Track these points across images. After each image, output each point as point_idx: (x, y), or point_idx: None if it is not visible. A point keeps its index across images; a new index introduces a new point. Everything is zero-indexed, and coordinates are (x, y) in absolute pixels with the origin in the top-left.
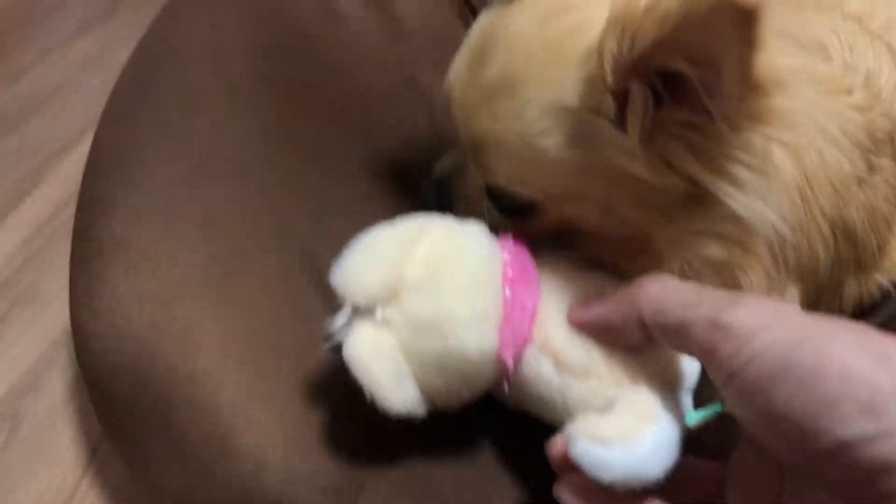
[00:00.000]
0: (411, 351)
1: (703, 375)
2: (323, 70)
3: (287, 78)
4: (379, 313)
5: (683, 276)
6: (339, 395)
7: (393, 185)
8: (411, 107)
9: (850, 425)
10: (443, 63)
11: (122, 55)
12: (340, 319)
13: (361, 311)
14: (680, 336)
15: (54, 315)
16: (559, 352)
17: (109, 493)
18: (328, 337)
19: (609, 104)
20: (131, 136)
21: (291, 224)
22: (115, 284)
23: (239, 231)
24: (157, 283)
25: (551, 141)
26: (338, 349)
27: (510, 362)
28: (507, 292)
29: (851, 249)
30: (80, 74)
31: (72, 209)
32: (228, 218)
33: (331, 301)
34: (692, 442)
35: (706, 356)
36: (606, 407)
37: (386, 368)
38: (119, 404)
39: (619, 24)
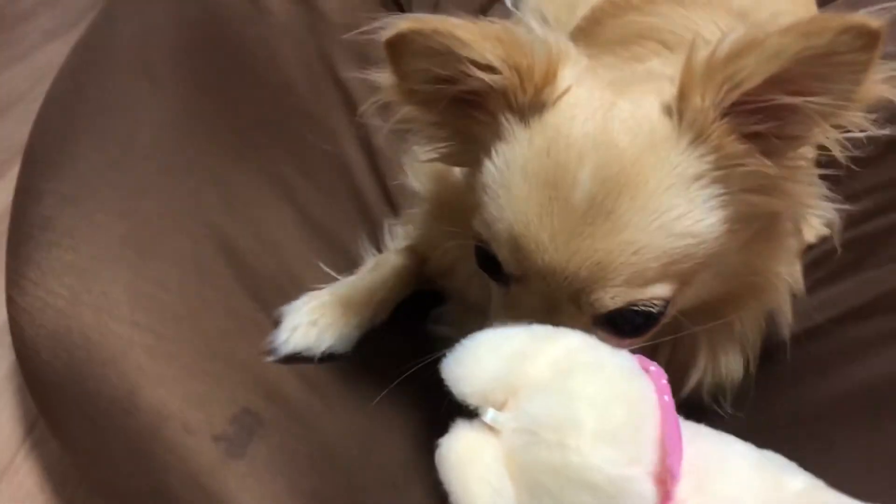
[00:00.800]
0: (520, 464)
1: None
2: (247, 64)
3: (212, 72)
4: (490, 415)
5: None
6: (234, 353)
7: (311, 176)
8: (331, 100)
9: None
10: (365, 58)
11: None
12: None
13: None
14: None
15: None
16: None
17: (44, 465)
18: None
19: (737, 147)
20: (62, 129)
21: (206, 207)
22: (40, 261)
23: (156, 212)
24: (76, 257)
25: (696, 211)
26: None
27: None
28: (661, 428)
29: None
30: (45, 83)
31: None
32: (147, 201)
33: (240, 278)
34: None
35: None
36: None
37: (484, 482)
38: (43, 371)
39: (708, 75)
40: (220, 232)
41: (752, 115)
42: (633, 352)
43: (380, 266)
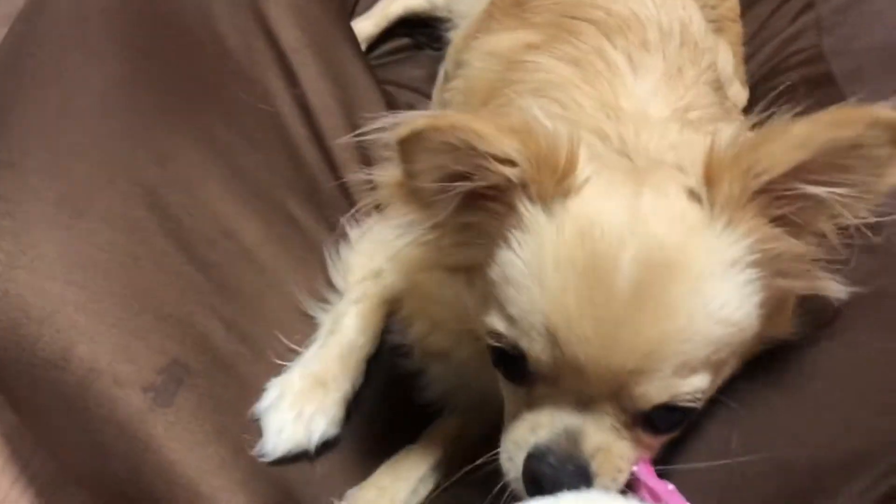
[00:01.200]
0: None
1: None
2: (182, 27)
3: (147, 37)
4: None
5: None
6: (163, 307)
7: (246, 135)
8: (266, 59)
9: None
10: (307, 23)
11: None
12: None
13: None
14: None
15: None
16: None
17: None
18: None
19: (767, 231)
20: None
21: (139, 169)
22: None
23: (89, 174)
24: (12, 222)
25: (735, 298)
26: None
27: None
28: None
29: None
30: None
31: None
32: (81, 163)
33: (171, 234)
34: None
35: None
36: None
37: None
38: None
39: (734, 162)
40: (153, 192)
41: (778, 199)
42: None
43: (340, 325)
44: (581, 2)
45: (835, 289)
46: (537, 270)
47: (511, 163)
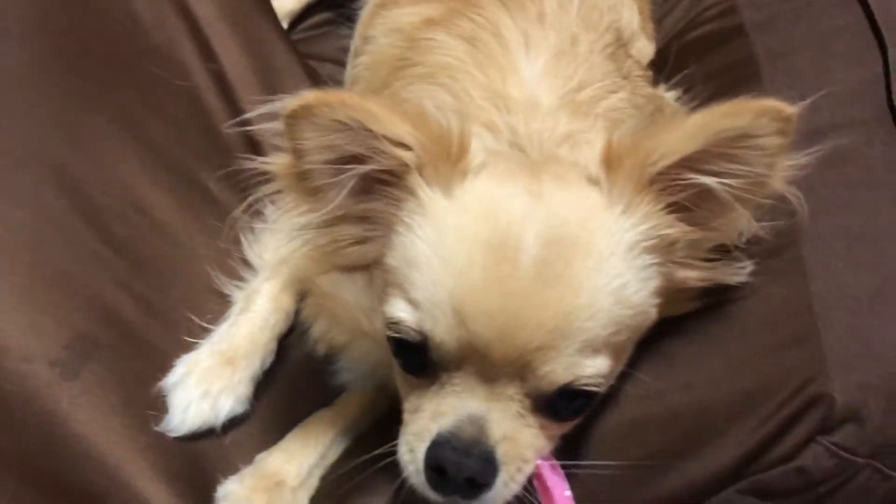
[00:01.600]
0: None
1: None
2: (99, 8)
3: (58, 15)
4: None
5: None
6: (71, 284)
7: (160, 111)
8: (178, 32)
9: None
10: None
11: None
12: None
13: None
14: None
15: None
16: None
17: None
18: None
19: (663, 218)
20: None
21: (50, 148)
22: None
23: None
24: None
25: (634, 280)
26: None
27: None
28: None
29: None
30: None
31: None
32: None
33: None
34: None
35: None
36: None
37: None
38: None
39: (630, 150)
40: (64, 171)
41: (673, 188)
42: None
43: (252, 303)
44: None
45: (731, 276)
46: (440, 250)
47: (405, 146)
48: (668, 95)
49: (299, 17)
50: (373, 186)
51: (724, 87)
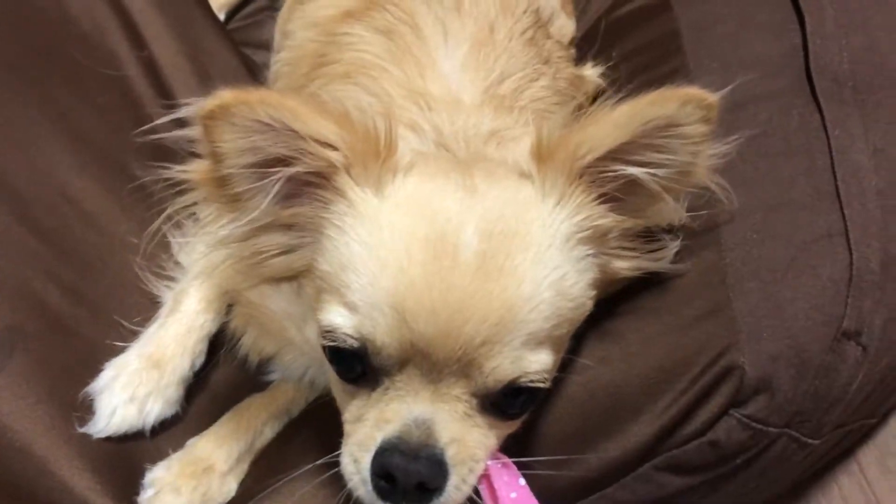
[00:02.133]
0: None
1: None
2: None
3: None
4: None
5: None
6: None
7: (89, 101)
8: (107, 20)
9: None
10: None
11: None
12: None
13: None
14: None
15: None
16: None
17: None
18: None
19: (595, 209)
20: None
21: None
22: None
23: None
24: None
25: (572, 272)
26: None
27: None
28: None
29: None
30: None
31: None
32: None
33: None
34: None
35: None
36: None
37: None
38: None
39: (559, 143)
40: None
41: (602, 179)
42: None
43: (180, 304)
44: None
45: (659, 263)
46: (376, 250)
47: (331, 146)
48: (592, 73)
49: (237, 7)
50: (298, 190)
51: (649, 62)
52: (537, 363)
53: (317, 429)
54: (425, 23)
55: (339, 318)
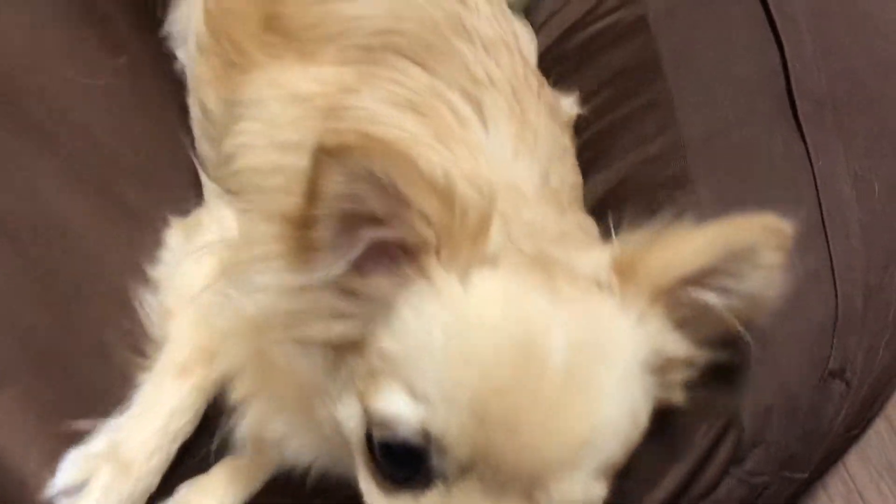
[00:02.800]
0: None
1: None
2: None
3: None
4: None
5: None
6: None
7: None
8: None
9: None
10: None
11: None
12: None
13: None
14: None
15: None
16: None
17: None
18: None
19: (668, 337)
20: None
21: None
22: None
23: None
24: None
25: (642, 400)
26: None
27: None
28: None
29: None
30: None
31: None
32: None
33: None
34: None
35: None
36: None
37: None
38: None
39: (643, 259)
40: None
41: (679, 304)
42: None
43: (153, 402)
44: (360, 17)
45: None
46: (462, 342)
47: (428, 221)
48: (567, 104)
49: None
50: (377, 258)
51: (629, 89)
52: (601, 493)
53: None
54: (458, 99)
55: (403, 408)
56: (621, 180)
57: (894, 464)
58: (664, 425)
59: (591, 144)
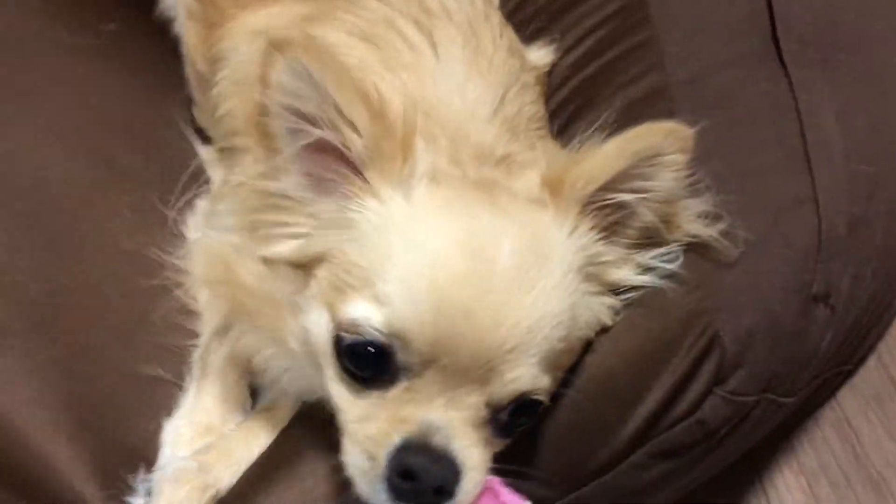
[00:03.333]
0: None
1: None
2: None
3: None
4: None
5: None
6: None
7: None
8: None
9: None
10: None
11: None
12: None
13: None
14: None
15: None
16: None
17: None
18: None
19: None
20: None
21: None
22: None
23: None
24: None
25: (581, 301)
26: None
27: None
28: None
29: None
30: None
31: None
32: None
33: None
34: None
35: None
36: None
37: None
38: None
39: (568, 170)
40: None
41: (602, 209)
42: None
43: (207, 371)
44: None
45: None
46: (416, 246)
47: (357, 131)
48: (540, 56)
49: None
50: (325, 170)
51: (615, 36)
52: (545, 382)
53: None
54: (409, 29)
55: (368, 311)
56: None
57: (881, 393)
58: (644, 343)
59: (578, 92)
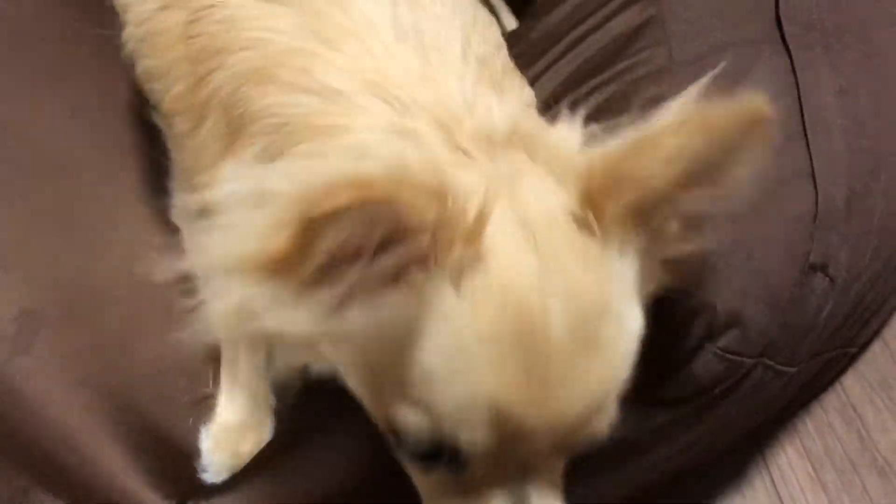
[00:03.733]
0: None
1: None
2: None
3: None
4: None
5: None
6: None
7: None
8: None
9: None
10: None
11: None
12: None
13: None
14: None
15: None
16: None
17: None
18: None
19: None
20: None
21: None
22: None
23: None
24: None
25: (636, 322)
26: None
27: None
28: None
29: None
30: None
31: None
32: None
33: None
34: None
35: None
36: None
37: None
38: None
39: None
40: None
41: (652, 214)
42: None
43: (235, 377)
44: None
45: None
46: (464, 354)
47: (426, 229)
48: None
49: None
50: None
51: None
52: (616, 411)
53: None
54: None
55: (415, 418)
56: (605, 99)
57: (887, 378)
58: None
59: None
